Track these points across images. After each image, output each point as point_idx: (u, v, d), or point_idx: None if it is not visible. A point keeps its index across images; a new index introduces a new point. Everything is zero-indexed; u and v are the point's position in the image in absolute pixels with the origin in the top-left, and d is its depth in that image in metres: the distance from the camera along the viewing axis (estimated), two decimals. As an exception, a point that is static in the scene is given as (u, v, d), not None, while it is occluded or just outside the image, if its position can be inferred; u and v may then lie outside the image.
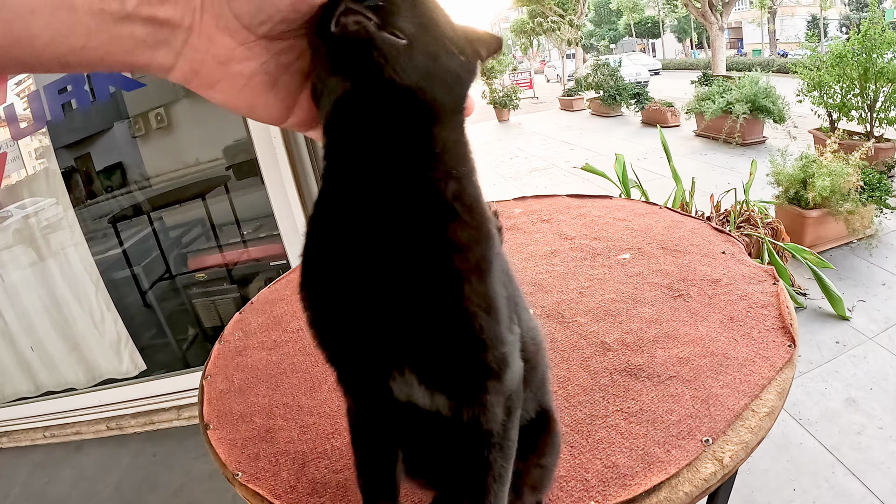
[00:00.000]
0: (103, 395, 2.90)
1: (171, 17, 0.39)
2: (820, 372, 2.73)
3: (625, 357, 0.84)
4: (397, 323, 0.44)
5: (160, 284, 3.17)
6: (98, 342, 2.89)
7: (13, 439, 2.97)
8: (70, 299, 2.83)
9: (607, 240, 1.21)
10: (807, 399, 2.53)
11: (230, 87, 0.43)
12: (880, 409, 2.43)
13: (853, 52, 5.81)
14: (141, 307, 3.13)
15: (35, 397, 2.98)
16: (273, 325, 1.15)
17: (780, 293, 0.95)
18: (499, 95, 14.46)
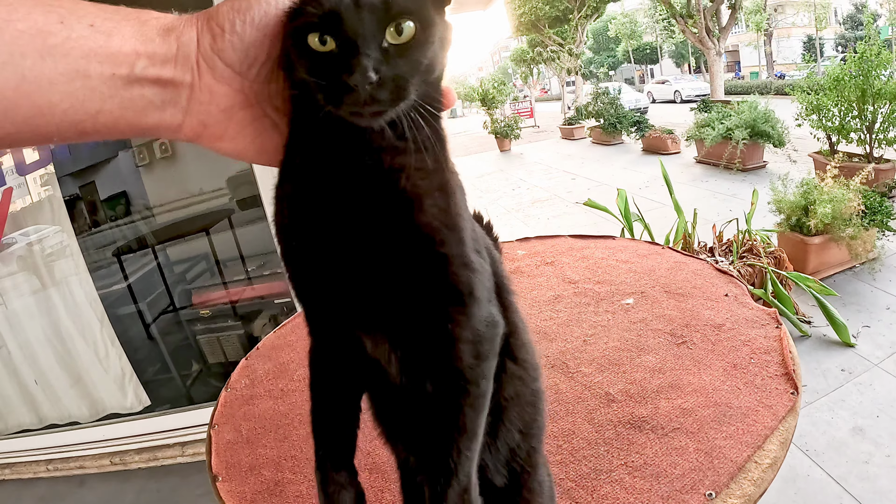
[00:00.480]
0: (107, 430, 2.89)
1: (174, 77, 0.43)
2: (826, 401, 2.71)
3: (629, 409, 0.85)
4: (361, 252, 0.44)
5: (164, 319, 3.18)
6: (102, 377, 2.89)
7: (16, 471, 2.97)
8: (74, 333, 2.84)
9: (610, 283, 1.22)
10: (813, 429, 2.52)
11: (237, 134, 0.47)
12: (887, 436, 2.41)
13: (850, 74, 5.87)
14: (145, 340, 3.13)
15: (38, 430, 2.98)
16: (280, 372, 1.16)
17: (783, 337, 0.96)
18: (500, 126, 14.55)
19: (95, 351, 2.85)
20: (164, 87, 0.43)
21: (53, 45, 0.38)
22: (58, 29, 0.38)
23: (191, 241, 3.21)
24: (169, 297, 3.19)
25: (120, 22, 0.41)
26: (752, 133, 7.55)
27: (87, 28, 0.39)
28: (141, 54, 0.41)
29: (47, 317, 2.83)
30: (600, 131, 12.57)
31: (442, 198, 0.44)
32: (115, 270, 3.03)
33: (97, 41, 0.39)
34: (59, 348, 2.87)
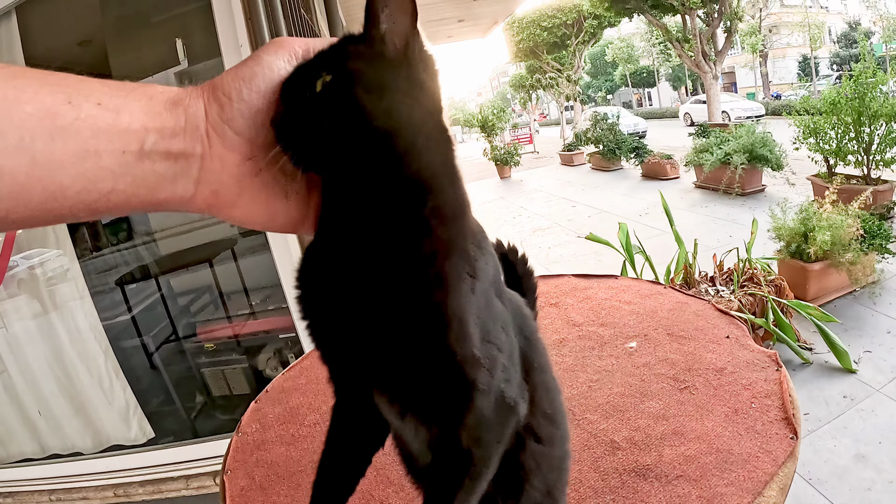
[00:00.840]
0: (111, 462, 2.89)
1: (184, 149, 0.44)
2: (828, 429, 2.72)
3: (634, 457, 0.87)
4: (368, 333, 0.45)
5: (168, 350, 3.19)
6: (106, 408, 2.89)
7: (19, 500, 2.95)
8: (76, 361, 2.85)
9: (614, 326, 1.24)
10: (816, 458, 2.53)
11: (249, 201, 0.48)
12: (889, 462, 2.43)
13: (846, 97, 5.93)
14: (148, 370, 3.14)
15: (41, 459, 2.97)
16: (290, 417, 1.18)
17: (783, 380, 0.99)
18: (500, 153, 14.65)
19: (100, 382, 2.86)
20: (175, 160, 0.44)
21: (63, 127, 0.38)
22: (66, 109, 0.38)
23: (194, 272, 3.23)
24: (172, 326, 3.21)
25: (127, 98, 0.42)
26: (750, 157, 7.62)
27: (95, 107, 0.40)
28: (150, 129, 0.42)
29: (49, 342, 2.85)
30: (599, 157, 12.67)
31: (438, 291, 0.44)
32: (119, 300, 3.05)
33: (106, 119, 0.40)
34: (61, 376, 2.88)
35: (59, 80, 0.39)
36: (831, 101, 6.08)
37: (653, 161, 10.62)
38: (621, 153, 11.81)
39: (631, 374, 1.07)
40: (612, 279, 1.49)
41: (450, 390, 0.45)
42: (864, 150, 5.99)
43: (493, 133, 16.35)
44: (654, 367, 1.08)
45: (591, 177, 12.42)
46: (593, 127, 12.69)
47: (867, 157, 5.99)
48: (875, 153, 5.92)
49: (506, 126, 17.66)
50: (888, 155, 5.85)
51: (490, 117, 16.28)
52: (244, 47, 2.24)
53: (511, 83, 27.82)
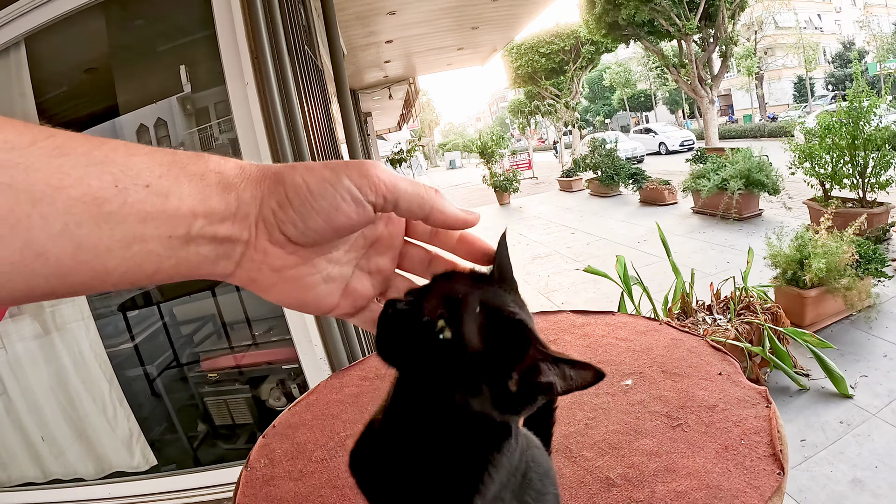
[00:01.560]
0: (113, 489, 2.89)
1: (231, 234, 0.43)
2: (825, 455, 2.75)
3: (628, 493, 0.91)
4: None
5: (171, 379, 3.21)
6: (109, 435, 2.91)
7: (20, 525, 2.93)
8: (79, 386, 2.87)
9: (611, 363, 1.29)
10: (813, 484, 2.55)
11: (283, 288, 0.48)
12: (886, 486, 2.45)
13: (840, 122, 6.01)
14: (151, 398, 3.16)
15: (42, 484, 2.97)
16: (298, 453, 1.22)
17: (772, 417, 1.03)
18: (499, 180, 14.77)
19: (104, 410, 2.88)
20: (221, 244, 0.43)
21: (109, 213, 0.37)
22: (112, 194, 0.37)
23: (197, 300, 3.27)
24: (174, 353, 3.24)
25: (177, 178, 0.40)
26: (746, 183, 7.71)
27: (143, 189, 0.38)
28: (199, 214, 0.41)
29: (52, 366, 2.87)
30: (598, 183, 12.80)
31: None
32: (122, 328, 3.08)
33: (154, 204, 0.38)
34: (64, 401, 2.90)
35: (105, 157, 0.37)
36: (825, 126, 6.17)
37: (651, 187, 10.72)
38: (619, 179, 11.92)
39: (626, 411, 1.12)
40: (609, 315, 1.54)
41: None
42: (859, 173, 6.06)
43: (493, 159, 16.50)
44: (648, 405, 1.12)
45: (590, 203, 12.51)
46: (592, 153, 12.81)
47: (862, 181, 6.06)
48: (870, 176, 5.99)
49: (505, 152, 17.82)
50: (883, 178, 5.92)
51: (489, 143, 16.44)
52: (249, 83, 2.30)
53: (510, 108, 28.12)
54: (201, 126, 2.68)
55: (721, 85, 18.94)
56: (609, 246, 6.44)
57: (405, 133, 24.70)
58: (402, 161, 15.03)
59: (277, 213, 0.44)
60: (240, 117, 2.37)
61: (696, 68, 17.04)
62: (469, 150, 20.00)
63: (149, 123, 2.65)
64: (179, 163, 0.41)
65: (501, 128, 25.60)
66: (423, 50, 9.70)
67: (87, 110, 2.71)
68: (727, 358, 1.24)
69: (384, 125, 21.00)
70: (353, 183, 0.44)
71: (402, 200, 0.46)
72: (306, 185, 0.43)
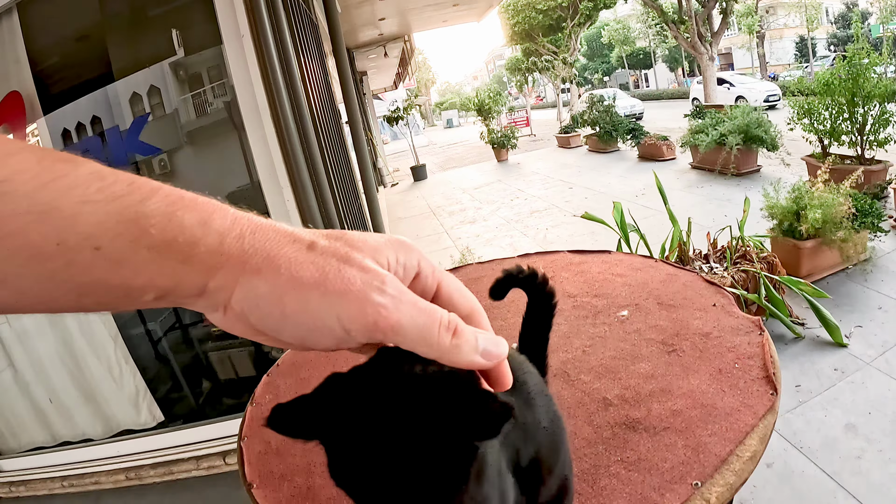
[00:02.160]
0: (121, 446, 2.94)
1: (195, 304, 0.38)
2: (819, 400, 2.79)
3: (624, 412, 0.94)
4: None
5: (175, 338, 3.24)
6: (116, 394, 2.95)
7: (31, 488, 3.00)
8: (87, 351, 2.89)
9: (607, 297, 1.31)
10: (807, 428, 2.60)
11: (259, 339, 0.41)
12: (879, 432, 2.49)
13: (840, 78, 5.97)
14: (156, 356, 3.20)
15: (52, 447, 3.03)
16: (301, 388, 1.25)
17: (765, 343, 1.05)
18: (497, 136, 14.68)
19: (109, 370, 2.91)
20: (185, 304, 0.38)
21: (53, 271, 0.32)
22: (55, 252, 0.31)
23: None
24: (175, 314, 3.27)
25: (134, 244, 0.33)
26: (745, 138, 7.66)
27: (92, 252, 0.32)
28: (158, 288, 0.35)
29: (59, 333, 2.90)
30: (596, 139, 12.73)
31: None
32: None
33: (104, 271, 0.33)
34: (72, 366, 2.93)
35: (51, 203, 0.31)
36: (825, 82, 6.12)
37: (649, 143, 10.66)
38: (618, 135, 11.86)
39: (622, 339, 1.14)
40: (605, 254, 1.56)
41: None
42: (857, 130, 6.03)
43: (490, 116, 16.38)
44: (644, 333, 1.15)
45: (588, 159, 12.46)
46: (590, 109, 12.71)
47: (861, 138, 6.04)
48: (868, 133, 5.96)
49: (502, 109, 17.68)
50: (881, 135, 5.89)
51: (486, 101, 16.31)
52: (245, 35, 2.28)
53: (507, 66, 27.78)
54: (195, 91, 2.65)
55: (721, 43, 18.71)
56: (607, 200, 6.43)
57: (401, 92, 24.39)
58: (398, 119, 14.87)
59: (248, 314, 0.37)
60: (237, 73, 2.35)
61: (695, 24, 16.81)
62: (466, 109, 19.84)
63: (142, 91, 2.62)
64: (143, 223, 0.33)
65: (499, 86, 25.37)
66: (418, 6, 9.54)
67: (81, 77, 2.68)
68: (721, 291, 1.26)
69: (380, 84, 20.77)
70: (342, 321, 0.37)
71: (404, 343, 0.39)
72: (282, 307, 0.36)
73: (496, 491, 0.52)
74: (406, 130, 16.70)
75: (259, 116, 2.37)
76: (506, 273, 0.74)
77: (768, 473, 2.34)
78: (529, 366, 0.68)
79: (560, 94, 23.85)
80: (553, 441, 0.65)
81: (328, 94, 3.86)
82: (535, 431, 0.62)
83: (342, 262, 0.37)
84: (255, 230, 0.37)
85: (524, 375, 0.64)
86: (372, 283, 0.37)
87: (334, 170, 2.98)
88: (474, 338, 0.40)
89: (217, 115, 2.64)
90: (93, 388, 2.96)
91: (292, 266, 0.36)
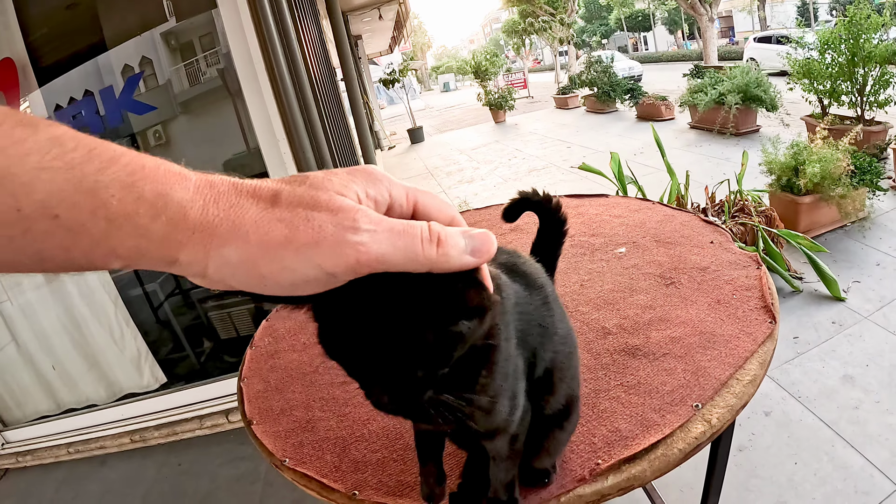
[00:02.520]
0: (125, 410, 2.98)
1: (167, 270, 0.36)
2: (817, 352, 2.80)
3: (623, 339, 0.94)
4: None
5: (176, 301, 3.25)
6: (118, 358, 2.96)
7: (37, 457, 3.03)
8: (88, 317, 2.90)
9: (604, 236, 1.31)
10: (805, 378, 2.62)
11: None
12: (876, 384, 2.51)
13: (840, 38, 5.89)
14: (157, 318, 3.21)
15: (57, 415, 3.06)
16: (300, 329, 1.25)
17: (763, 276, 1.05)
18: (494, 97, 14.54)
19: (110, 332, 2.93)
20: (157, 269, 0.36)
21: (12, 237, 0.31)
22: (14, 219, 0.31)
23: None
24: (175, 280, 3.27)
25: (93, 215, 0.32)
26: (744, 98, 7.58)
27: (51, 221, 0.31)
28: (120, 257, 0.34)
29: (62, 305, 2.91)
30: (594, 100, 12.60)
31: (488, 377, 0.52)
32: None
33: (62, 239, 0.32)
34: (75, 334, 2.95)
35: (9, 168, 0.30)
36: (825, 41, 6.04)
37: (647, 102, 10.56)
38: (616, 95, 11.74)
39: (620, 273, 1.14)
40: (603, 198, 1.55)
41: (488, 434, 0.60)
42: (857, 90, 5.97)
43: (487, 78, 16.21)
44: (641, 268, 1.14)
45: (586, 119, 12.34)
46: (587, 69, 12.57)
47: (861, 99, 5.98)
48: (869, 94, 5.90)
49: (499, 71, 17.48)
50: (882, 97, 5.84)
51: (483, 62, 16.13)
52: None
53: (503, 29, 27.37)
54: (187, 61, 2.61)
55: (722, 6, 18.40)
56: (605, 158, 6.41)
57: (397, 56, 24.11)
58: (394, 81, 14.72)
59: (226, 279, 0.36)
60: (233, 34, 2.31)
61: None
62: (463, 72, 19.63)
63: (133, 63, 2.58)
64: (101, 193, 0.32)
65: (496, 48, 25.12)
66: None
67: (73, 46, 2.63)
68: (719, 230, 1.26)
69: (375, 48, 20.48)
70: (324, 268, 0.36)
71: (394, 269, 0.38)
72: (258, 270, 0.36)
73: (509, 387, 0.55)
74: (403, 94, 16.53)
75: (255, 75, 2.33)
76: (521, 195, 0.76)
77: (767, 421, 2.36)
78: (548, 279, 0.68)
79: (558, 56, 23.55)
80: (567, 352, 0.67)
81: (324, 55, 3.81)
82: (553, 336, 0.64)
83: (309, 210, 0.36)
84: (218, 198, 0.36)
85: (542, 279, 0.65)
86: (343, 224, 0.36)
87: (333, 133, 2.96)
88: (460, 240, 0.39)
89: (211, 83, 2.61)
90: (95, 353, 2.97)
91: (259, 229, 0.35)
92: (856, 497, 1.93)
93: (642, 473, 0.71)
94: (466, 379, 0.49)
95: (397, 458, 0.82)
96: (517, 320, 0.56)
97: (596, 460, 0.73)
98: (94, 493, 2.74)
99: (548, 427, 0.68)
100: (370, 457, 0.84)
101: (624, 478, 0.71)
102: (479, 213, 1.67)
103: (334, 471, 0.82)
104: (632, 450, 0.72)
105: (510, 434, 0.60)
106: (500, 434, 0.60)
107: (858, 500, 1.92)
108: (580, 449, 0.76)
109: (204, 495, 2.52)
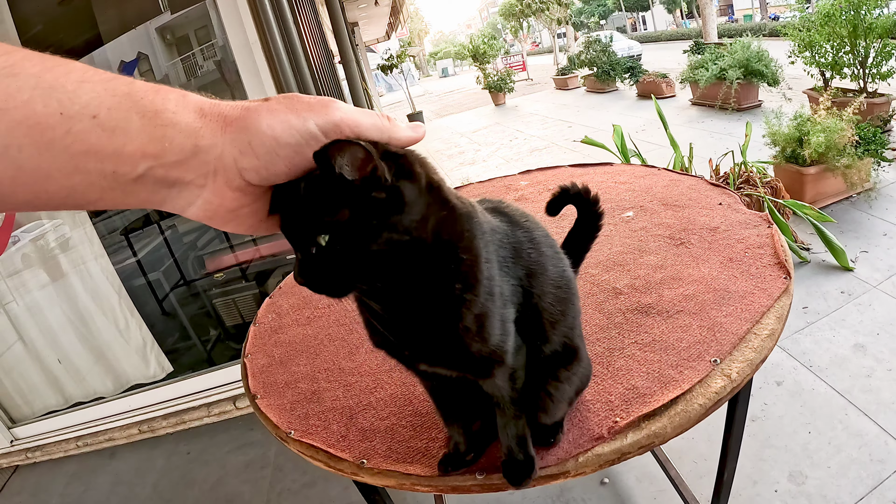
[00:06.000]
0: (133, 400, 2.96)
1: (183, 178, 0.42)
2: (827, 321, 2.78)
3: (635, 298, 0.92)
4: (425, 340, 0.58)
5: (180, 290, 3.24)
6: (124, 349, 2.95)
7: (46, 452, 3.03)
8: (94, 310, 2.89)
9: (611, 201, 1.28)
10: (816, 347, 2.59)
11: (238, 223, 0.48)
12: (888, 352, 2.48)
13: (840, 10, 5.81)
14: (160, 315, 3.20)
15: (65, 409, 3.05)
16: (303, 304, 1.23)
17: (775, 234, 1.02)
18: (493, 80, 14.45)
19: (116, 323, 2.92)
20: (172, 186, 0.42)
21: (52, 140, 0.35)
22: (57, 121, 0.35)
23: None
24: (179, 271, 3.26)
25: (128, 113, 0.38)
26: (745, 73, 7.50)
27: (90, 121, 0.36)
28: (148, 155, 0.39)
29: (67, 300, 2.89)
30: (594, 79, 12.51)
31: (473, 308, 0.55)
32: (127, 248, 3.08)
33: (99, 137, 0.37)
34: (81, 328, 2.94)
35: (55, 81, 0.36)
36: (826, 14, 5.96)
37: (648, 80, 10.48)
38: (616, 74, 11.65)
39: (629, 236, 1.12)
40: (607, 166, 1.52)
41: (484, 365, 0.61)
42: (859, 63, 5.90)
43: (486, 61, 16.12)
44: (650, 230, 1.12)
45: (587, 99, 12.25)
46: (586, 50, 12.47)
47: (863, 71, 5.91)
48: (871, 66, 5.84)
49: (498, 54, 17.38)
50: (884, 68, 5.77)
51: (481, 46, 16.03)
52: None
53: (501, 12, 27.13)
54: (184, 55, 2.60)
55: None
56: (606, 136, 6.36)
57: (394, 42, 24.00)
58: (393, 67, 14.66)
59: (240, 160, 0.43)
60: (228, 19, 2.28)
61: (692, -40, 16.35)
62: (462, 57, 19.49)
63: (129, 59, 2.56)
64: (135, 95, 0.39)
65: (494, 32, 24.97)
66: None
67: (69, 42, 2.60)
68: (727, 192, 1.23)
69: (372, 35, 20.38)
70: (318, 127, 0.44)
71: (363, 135, 0.46)
72: (272, 131, 0.43)
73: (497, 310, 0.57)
74: (402, 80, 16.47)
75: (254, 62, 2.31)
76: (561, 189, 0.81)
77: (779, 391, 2.34)
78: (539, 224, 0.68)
79: (556, 38, 23.37)
80: (559, 297, 0.66)
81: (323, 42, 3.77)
82: (541, 275, 0.64)
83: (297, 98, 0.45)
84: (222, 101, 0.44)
85: (528, 223, 0.67)
86: (324, 102, 0.46)
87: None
88: (403, 123, 0.51)
89: (207, 77, 2.62)
90: (101, 345, 2.97)
91: (264, 106, 0.44)
92: (871, 465, 1.91)
93: (663, 430, 0.68)
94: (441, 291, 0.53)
95: (406, 425, 0.81)
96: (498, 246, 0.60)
97: (614, 418, 0.71)
98: (104, 485, 2.74)
99: (548, 372, 0.68)
100: (378, 424, 0.81)
101: (644, 435, 0.68)
102: (482, 185, 1.65)
103: (341, 440, 0.80)
104: (650, 406, 0.70)
105: (508, 367, 0.62)
106: (498, 367, 0.61)
107: (874, 468, 1.90)
108: (596, 408, 0.73)
109: (214, 482, 2.52)
